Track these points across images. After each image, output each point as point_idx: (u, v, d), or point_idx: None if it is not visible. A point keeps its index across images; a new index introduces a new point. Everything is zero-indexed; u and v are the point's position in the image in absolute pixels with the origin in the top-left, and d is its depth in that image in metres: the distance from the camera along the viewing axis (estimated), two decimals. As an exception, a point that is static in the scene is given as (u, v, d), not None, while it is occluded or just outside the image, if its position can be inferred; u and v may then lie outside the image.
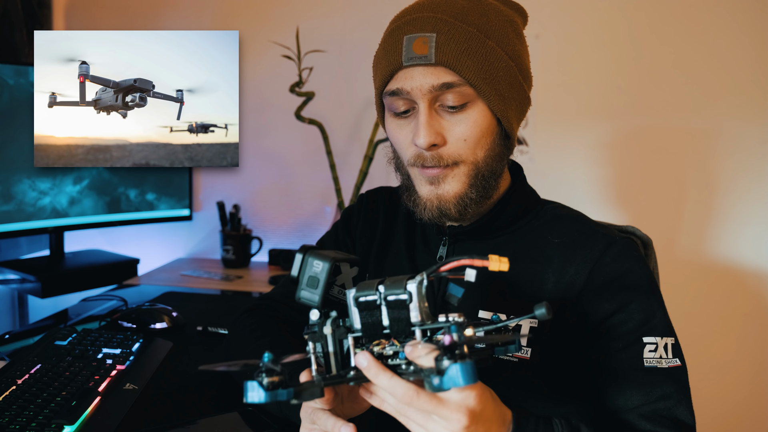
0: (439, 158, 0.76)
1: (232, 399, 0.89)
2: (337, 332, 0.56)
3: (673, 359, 0.74)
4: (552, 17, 1.70)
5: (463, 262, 0.53)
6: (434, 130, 0.75)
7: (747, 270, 1.64)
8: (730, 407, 1.68)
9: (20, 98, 1.52)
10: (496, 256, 0.53)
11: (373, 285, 0.54)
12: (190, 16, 1.93)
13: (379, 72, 0.80)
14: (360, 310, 0.55)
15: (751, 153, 1.61)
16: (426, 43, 0.74)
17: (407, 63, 0.75)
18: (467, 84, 0.74)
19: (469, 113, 0.76)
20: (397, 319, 0.53)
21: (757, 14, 1.57)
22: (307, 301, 0.58)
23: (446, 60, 0.73)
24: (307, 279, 0.58)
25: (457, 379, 0.47)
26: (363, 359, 0.53)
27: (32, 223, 1.58)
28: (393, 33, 0.78)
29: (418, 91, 0.75)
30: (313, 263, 0.58)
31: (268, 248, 1.90)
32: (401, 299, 0.53)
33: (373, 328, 0.55)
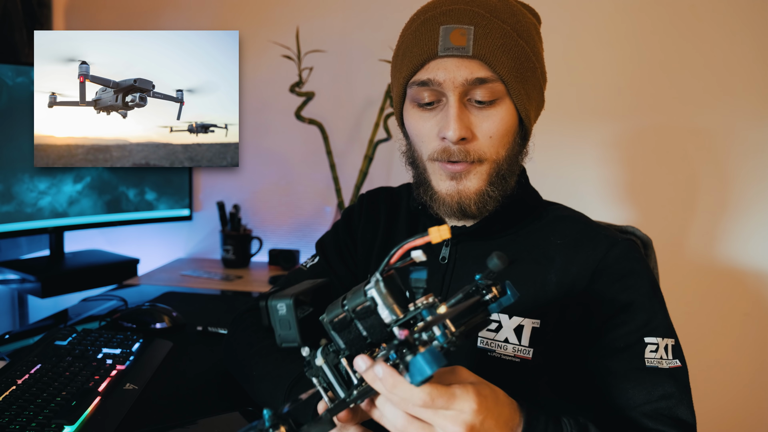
0: (466, 153, 0.76)
1: (232, 399, 0.89)
2: (329, 359, 0.56)
3: (673, 360, 0.74)
4: (554, 17, 1.69)
5: (405, 247, 0.52)
6: (464, 124, 0.75)
7: (747, 270, 1.64)
8: (730, 407, 1.68)
9: (20, 98, 1.52)
10: (435, 227, 0.52)
11: (338, 303, 0.54)
12: (190, 16, 1.93)
13: (408, 61, 0.78)
14: (337, 331, 0.54)
15: (751, 153, 1.61)
16: (464, 35, 0.73)
17: (443, 53, 0.74)
18: (499, 80, 0.74)
19: (497, 110, 0.76)
20: (372, 326, 0.53)
21: (759, 13, 1.57)
22: (289, 343, 0.58)
23: (483, 54, 0.73)
24: (278, 324, 0.57)
25: (423, 369, 0.47)
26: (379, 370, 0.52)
27: (32, 223, 1.58)
28: (427, 23, 0.76)
29: (451, 83, 0.74)
30: (276, 307, 0.57)
31: (268, 248, 1.90)
32: (366, 306, 0.52)
33: (357, 342, 0.54)
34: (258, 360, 0.84)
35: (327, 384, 0.57)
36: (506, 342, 0.79)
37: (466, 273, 0.84)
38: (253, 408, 0.84)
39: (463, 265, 0.84)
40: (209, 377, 0.98)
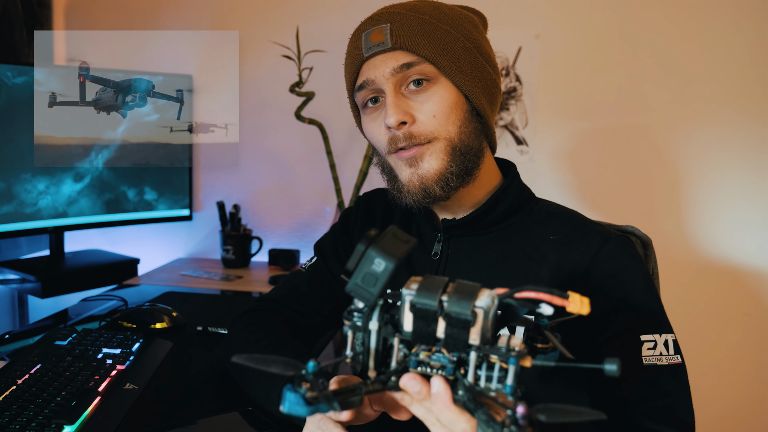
0: (410, 136, 0.78)
1: (232, 399, 0.89)
2: (384, 330, 0.51)
3: (674, 356, 0.74)
4: (552, 17, 1.70)
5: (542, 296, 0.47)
6: (401, 109, 0.78)
7: (747, 270, 1.64)
8: (731, 407, 1.68)
9: (20, 98, 1.52)
10: (577, 295, 0.47)
11: (437, 292, 0.49)
12: (190, 16, 1.93)
13: (347, 73, 0.84)
14: (415, 316, 0.49)
15: (751, 153, 1.61)
16: (382, 32, 0.78)
17: (368, 53, 0.79)
18: (426, 61, 0.77)
19: (433, 90, 0.78)
20: (453, 336, 0.48)
21: (756, 14, 1.57)
22: (359, 298, 0.51)
23: (402, 42, 0.77)
24: (363, 276, 0.50)
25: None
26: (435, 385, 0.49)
27: (32, 223, 1.58)
28: (354, 36, 0.83)
29: (382, 77, 0.79)
30: (374, 260, 0.50)
31: (268, 248, 1.90)
32: (465, 320, 0.47)
33: (425, 337, 0.49)
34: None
35: (364, 349, 0.51)
36: None
37: (458, 268, 0.84)
38: (252, 408, 0.84)
39: (455, 261, 0.85)
40: (209, 377, 0.98)
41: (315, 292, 0.97)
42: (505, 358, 0.47)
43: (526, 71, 1.72)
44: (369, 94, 0.81)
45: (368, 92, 0.81)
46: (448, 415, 0.49)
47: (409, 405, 0.54)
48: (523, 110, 1.74)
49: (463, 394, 0.49)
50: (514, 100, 1.75)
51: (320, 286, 0.97)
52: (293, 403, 0.46)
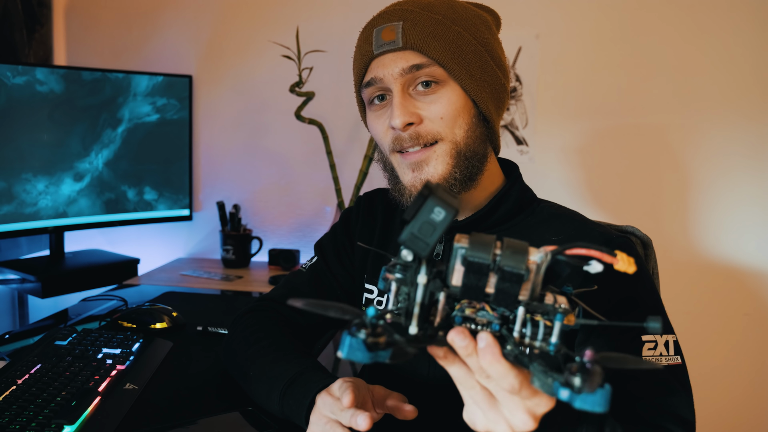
0: (417, 136, 0.78)
1: (232, 399, 0.89)
2: (432, 284, 0.49)
3: (674, 357, 0.74)
4: (552, 17, 1.70)
5: (592, 253, 0.47)
6: (408, 110, 0.77)
7: (747, 270, 1.64)
8: (731, 407, 1.68)
9: (19, 98, 1.52)
10: (624, 254, 0.47)
11: (490, 246, 0.48)
12: (189, 16, 1.93)
13: (355, 69, 0.84)
14: (466, 270, 0.48)
15: (752, 153, 1.61)
16: (393, 30, 0.77)
17: (378, 51, 0.78)
18: (436, 64, 0.77)
19: (442, 93, 0.78)
20: (504, 291, 0.48)
21: (756, 14, 1.57)
22: (412, 248, 0.50)
23: (413, 42, 0.76)
24: (420, 224, 0.49)
25: (596, 403, 0.43)
26: (483, 339, 0.48)
27: (32, 223, 1.58)
28: (364, 31, 0.82)
29: (390, 76, 0.78)
30: (434, 209, 0.49)
31: (268, 248, 1.90)
32: (518, 274, 0.47)
33: (474, 291, 0.48)
34: (255, 361, 0.84)
35: (407, 305, 0.50)
36: None
37: None
38: (252, 408, 0.84)
39: None
40: (209, 377, 0.97)
41: (315, 292, 0.97)
42: (551, 315, 0.47)
43: (526, 71, 1.73)
44: (376, 91, 0.81)
45: (375, 89, 0.81)
46: (498, 368, 0.48)
47: (450, 364, 0.52)
48: (523, 110, 1.74)
49: (511, 349, 0.49)
50: (514, 100, 1.75)
51: (321, 286, 0.97)
52: (354, 348, 0.45)
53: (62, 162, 1.62)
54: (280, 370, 0.80)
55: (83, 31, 1.99)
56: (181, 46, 1.94)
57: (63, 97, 1.60)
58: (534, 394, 0.50)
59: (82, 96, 1.64)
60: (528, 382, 0.49)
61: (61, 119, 1.61)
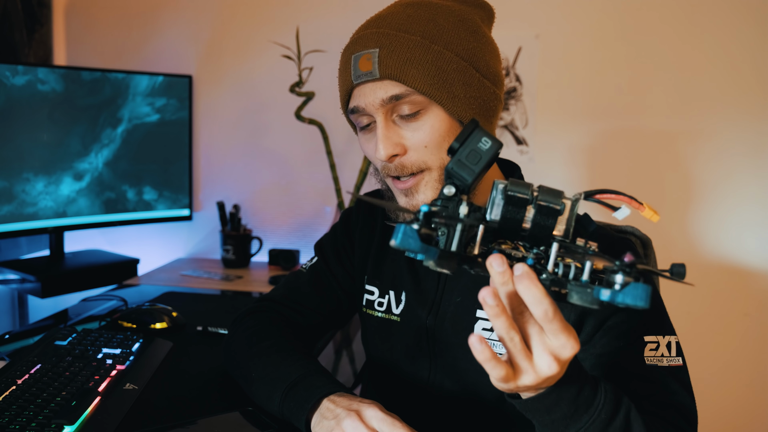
0: (402, 168, 0.77)
1: (232, 399, 0.89)
2: (472, 216, 0.52)
3: (675, 358, 0.74)
4: (552, 17, 1.70)
5: (622, 198, 0.52)
6: (391, 141, 0.76)
7: (747, 270, 1.64)
8: (731, 407, 1.68)
9: (19, 98, 1.52)
10: (650, 206, 0.51)
11: (529, 185, 0.51)
12: (189, 16, 1.93)
13: (340, 92, 0.83)
14: (506, 203, 0.51)
15: (752, 152, 1.61)
16: (369, 59, 0.75)
17: (356, 81, 0.77)
18: (416, 92, 0.75)
19: (424, 120, 0.76)
20: (540, 225, 0.50)
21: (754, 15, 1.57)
22: (458, 174, 0.53)
23: (390, 72, 0.74)
24: (468, 152, 0.53)
25: (639, 297, 0.45)
26: (519, 267, 0.50)
27: (32, 223, 1.58)
28: (344, 53, 0.80)
29: (371, 106, 0.77)
30: (481, 139, 0.53)
31: (268, 248, 1.90)
32: (555, 208, 0.50)
33: (512, 224, 0.51)
34: (257, 361, 0.84)
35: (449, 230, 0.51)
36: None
37: (460, 272, 0.84)
38: (253, 408, 0.84)
39: None
40: (209, 377, 0.97)
41: (315, 292, 0.97)
42: (583, 254, 0.50)
43: (526, 71, 1.72)
44: (362, 118, 0.80)
45: (360, 116, 0.80)
46: (534, 292, 0.49)
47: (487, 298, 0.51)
48: (523, 110, 1.74)
49: (546, 277, 0.51)
50: (514, 100, 1.75)
51: (321, 286, 0.97)
52: (407, 236, 0.48)
53: (62, 162, 1.62)
54: (283, 372, 0.80)
55: (83, 31, 1.99)
56: (181, 46, 1.94)
57: (63, 97, 1.60)
58: (563, 330, 0.51)
59: (82, 96, 1.64)
60: (560, 314, 0.51)
61: (61, 119, 1.61)
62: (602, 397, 0.60)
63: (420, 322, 0.86)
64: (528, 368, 0.54)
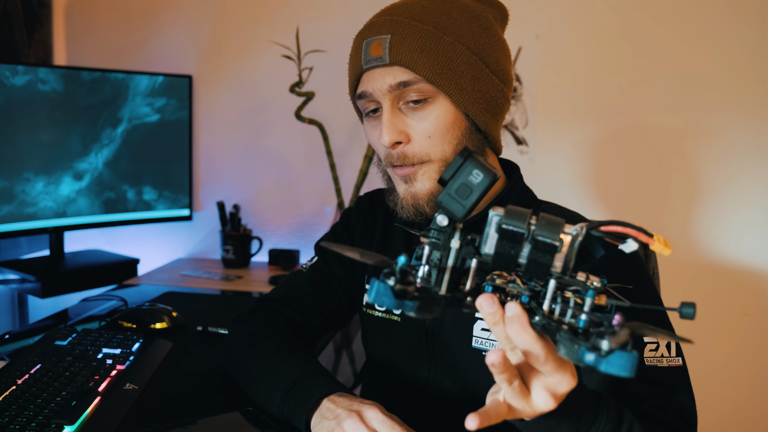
0: (404, 157, 0.78)
1: (232, 399, 0.89)
2: (465, 250, 0.50)
3: (675, 358, 0.74)
4: (552, 17, 1.70)
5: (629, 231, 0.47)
6: (396, 128, 0.77)
7: (747, 270, 1.64)
8: (731, 407, 1.68)
9: (19, 98, 1.52)
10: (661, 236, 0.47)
11: (525, 216, 0.48)
12: (189, 16, 1.93)
13: (349, 77, 0.84)
14: (500, 237, 0.49)
15: (751, 153, 1.61)
16: (381, 45, 0.76)
17: (366, 66, 0.78)
18: (424, 80, 0.75)
19: (430, 109, 0.77)
20: (536, 261, 0.48)
21: (754, 15, 1.57)
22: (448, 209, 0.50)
23: (400, 59, 0.75)
24: (458, 186, 0.50)
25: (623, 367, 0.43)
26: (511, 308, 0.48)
27: (32, 223, 1.58)
28: (356, 39, 0.81)
29: (379, 92, 0.78)
30: (472, 172, 0.50)
31: (268, 248, 1.90)
32: (552, 245, 0.47)
33: (506, 260, 0.49)
34: (257, 362, 0.84)
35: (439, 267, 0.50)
36: None
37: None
38: (253, 408, 0.84)
39: None
40: (209, 377, 0.97)
41: (316, 292, 0.97)
42: (583, 292, 0.47)
43: (526, 71, 1.73)
44: (369, 104, 0.81)
45: (368, 102, 0.81)
46: (525, 337, 0.48)
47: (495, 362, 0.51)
48: (523, 110, 1.74)
49: (539, 320, 0.49)
50: (514, 100, 1.75)
51: (321, 286, 0.97)
52: (380, 294, 0.46)
53: (62, 162, 1.62)
54: (283, 372, 0.80)
55: (83, 31, 1.99)
56: (181, 46, 1.94)
57: (63, 97, 1.60)
58: (558, 369, 0.50)
59: (82, 96, 1.64)
60: (554, 355, 0.49)
61: (61, 119, 1.61)
62: (604, 414, 0.60)
63: (419, 322, 0.86)
64: (525, 406, 0.53)
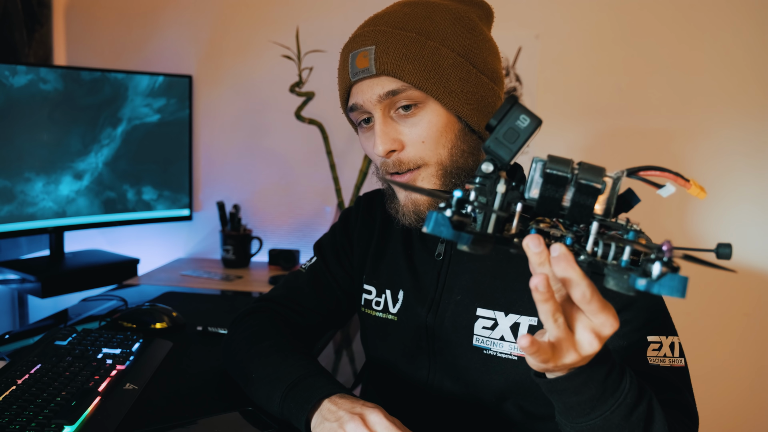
0: (399, 164, 0.78)
1: (232, 399, 0.89)
2: (510, 194, 0.51)
3: (678, 358, 0.74)
4: (552, 18, 1.70)
5: (667, 175, 0.50)
6: (389, 137, 0.77)
7: (747, 270, 1.64)
8: (731, 407, 1.68)
9: (19, 98, 1.52)
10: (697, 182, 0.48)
11: (569, 162, 0.50)
12: (189, 16, 1.93)
13: (339, 91, 0.84)
14: (545, 181, 0.50)
15: (752, 153, 1.61)
16: (366, 56, 0.77)
17: (354, 78, 0.78)
18: (412, 87, 0.76)
19: (421, 115, 0.77)
20: (580, 204, 0.49)
21: (754, 15, 1.57)
22: (495, 153, 0.51)
23: (386, 68, 0.75)
24: (505, 130, 0.51)
25: (675, 288, 0.45)
26: (556, 249, 0.49)
27: (32, 223, 1.58)
28: (343, 52, 0.82)
29: (369, 102, 0.78)
30: (519, 116, 0.51)
31: (268, 248, 1.90)
32: (595, 187, 0.49)
33: (551, 203, 0.50)
34: (256, 362, 0.84)
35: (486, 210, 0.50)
36: (502, 340, 0.79)
37: (462, 269, 0.84)
38: (252, 408, 0.84)
39: (458, 262, 0.85)
40: (209, 377, 0.98)
41: (315, 292, 0.97)
42: (624, 232, 0.48)
43: (526, 71, 1.73)
44: (361, 115, 0.81)
45: (360, 113, 0.81)
46: (571, 274, 0.48)
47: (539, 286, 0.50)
48: (523, 110, 1.74)
49: (584, 259, 0.49)
50: (514, 100, 1.75)
51: (320, 286, 0.97)
52: (439, 224, 0.47)
53: (62, 162, 1.62)
54: (283, 372, 0.80)
55: (83, 31, 1.99)
56: (181, 46, 1.94)
57: (63, 97, 1.60)
58: (602, 309, 0.50)
59: (82, 96, 1.64)
60: (598, 295, 0.50)
61: (61, 119, 1.61)
62: (628, 382, 0.60)
63: (419, 320, 0.86)
64: (569, 348, 0.53)
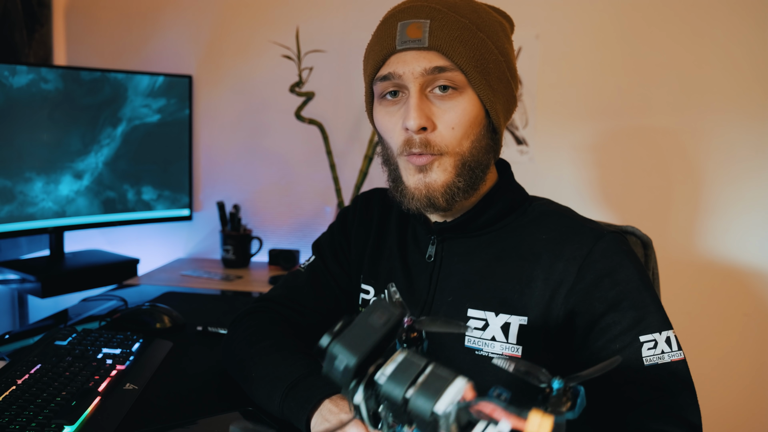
0: (426, 144, 0.77)
1: (232, 399, 0.89)
2: (369, 403, 0.51)
3: (676, 352, 0.73)
4: (552, 18, 1.70)
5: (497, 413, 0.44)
6: (424, 113, 0.76)
7: (747, 270, 1.64)
8: (731, 407, 1.68)
9: (19, 98, 1.52)
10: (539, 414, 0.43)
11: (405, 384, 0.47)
12: (189, 16, 1.93)
13: (371, 59, 0.81)
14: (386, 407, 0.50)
15: (752, 153, 1.61)
16: (420, 28, 0.75)
17: (401, 47, 0.76)
18: (458, 70, 0.75)
19: (459, 101, 0.77)
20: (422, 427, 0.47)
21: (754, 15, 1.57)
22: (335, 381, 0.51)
23: (439, 44, 0.74)
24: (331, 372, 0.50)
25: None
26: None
27: (32, 223, 1.58)
28: (387, 20, 0.79)
29: (410, 74, 0.76)
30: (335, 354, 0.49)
31: (268, 248, 1.90)
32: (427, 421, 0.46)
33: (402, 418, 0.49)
34: (257, 361, 0.84)
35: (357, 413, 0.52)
36: (493, 340, 0.78)
37: (452, 271, 0.84)
38: (252, 408, 0.84)
39: (449, 263, 0.85)
40: (209, 377, 0.97)
41: (314, 291, 0.97)
42: None
43: (526, 71, 1.72)
44: (391, 86, 0.78)
45: (390, 84, 0.78)
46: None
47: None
48: (523, 110, 1.74)
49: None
50: (514, 100, 1.75)
51: (319, 285, 0.97)
52: None
53: (62, 162, 1.62)
54: (283, 372, 0.80)
55: (83, 31, 1.99)
56: (181, 46, 1.94)
57: (63, 97, 1.60)
58: None
59: (82, 96, 1.64)
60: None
61: (61, 119, 1.61)
62: None
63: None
64: None
